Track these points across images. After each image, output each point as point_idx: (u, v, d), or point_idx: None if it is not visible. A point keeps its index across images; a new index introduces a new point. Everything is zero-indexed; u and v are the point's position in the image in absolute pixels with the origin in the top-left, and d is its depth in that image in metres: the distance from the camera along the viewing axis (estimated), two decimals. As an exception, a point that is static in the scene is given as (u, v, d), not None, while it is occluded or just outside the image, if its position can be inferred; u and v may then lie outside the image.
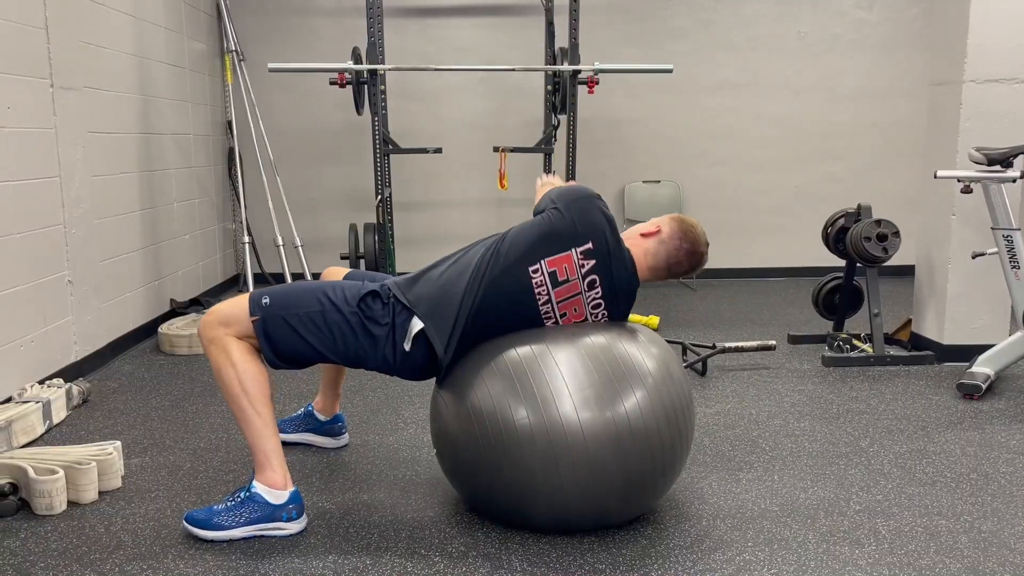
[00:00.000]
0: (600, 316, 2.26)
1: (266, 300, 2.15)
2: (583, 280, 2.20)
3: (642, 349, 2.15)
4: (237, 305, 2.16)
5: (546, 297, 2.19)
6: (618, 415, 2.01)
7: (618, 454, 2.02)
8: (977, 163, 3.44)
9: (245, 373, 2.11)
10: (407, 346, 2.15)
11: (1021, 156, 3.40)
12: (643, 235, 2.32)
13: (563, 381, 2.02)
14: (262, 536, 2.14)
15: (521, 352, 2.10)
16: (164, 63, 4.66)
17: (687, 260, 2.33)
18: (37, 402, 2.90)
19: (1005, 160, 3.39)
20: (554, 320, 2.23)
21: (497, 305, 2.18)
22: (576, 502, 2.07)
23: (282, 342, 2.14)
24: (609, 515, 2.15)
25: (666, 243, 2.31)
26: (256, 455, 2.15)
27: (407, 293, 2.19)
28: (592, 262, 2.20)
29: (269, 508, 2.12)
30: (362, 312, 2.15)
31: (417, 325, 2.15)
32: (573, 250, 2.19)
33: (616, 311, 2.28)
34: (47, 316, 3.35)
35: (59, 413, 3.03)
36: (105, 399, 3.32)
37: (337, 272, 2.58)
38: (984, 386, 3.28)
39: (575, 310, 2.23)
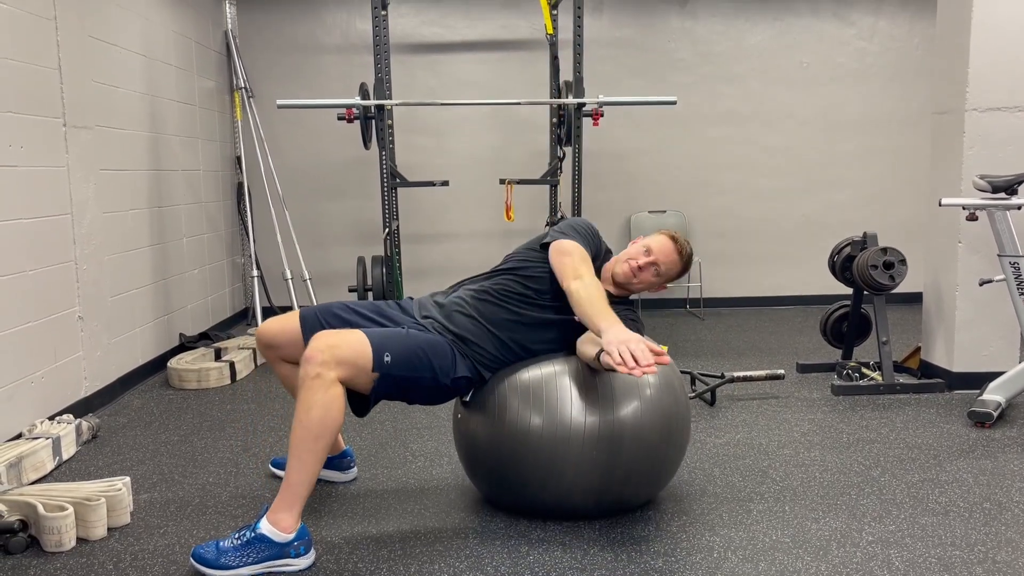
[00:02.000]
0: None
1: (388, 358, 2.22)
2: None
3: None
4: (358, 350, 2.18)
5: None
6: (619, 418, 2.29)
7: (619, 451, 2.29)
8: (982, 191, 3.45)
9: (334, 422, 2.13)
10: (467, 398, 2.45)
11: (1026, 183, 3.41)
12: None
13: (570, 392, 2.30)
14: (271, 573, 2.13)
15: (533, 373, 2.36)
16: (175, 101, 4.73)
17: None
18: (47, 438, 2.91)
19: (1010, 187, 3.40)
20: None
21: None
22: (583, 492, 2.34)
23: (385, 394, 2.29)
24: (609, 503, 2.40)
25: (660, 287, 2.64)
26: (287, 494, 2.14)
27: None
28: None
29: (276, 547, 2.12)
30: (453, 386, 2.35)
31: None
32: None
33: None
34: (58, 352, 3.37)
35: (68, 449, 3.04)
36: (114, 434, 3.33)
37: (279, 325, 2.53)
38: (995, 414, 3.26)
39: None
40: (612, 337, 2.04)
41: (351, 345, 2.18)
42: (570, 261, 2.34)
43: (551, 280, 2.41)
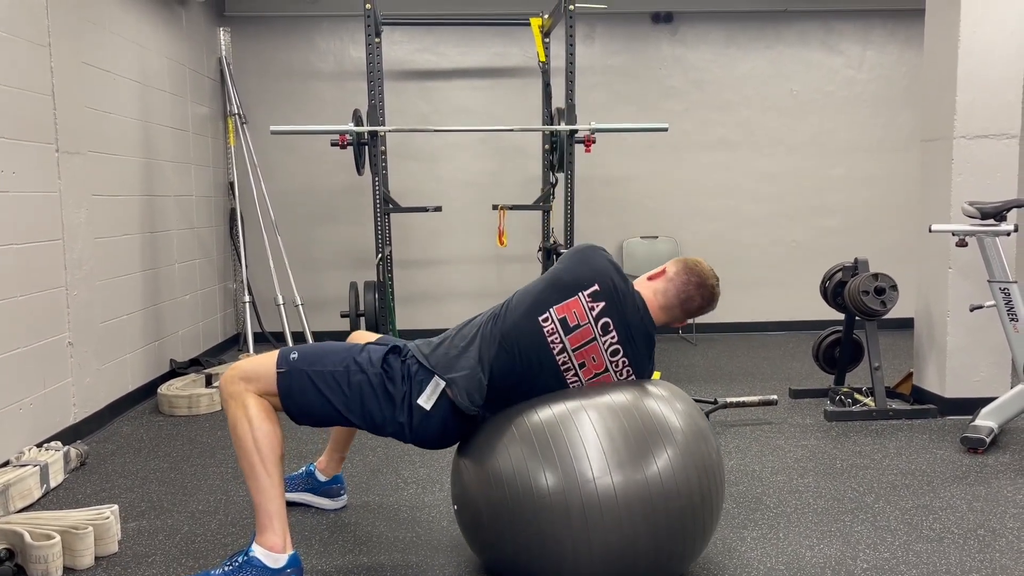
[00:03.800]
0: (621, 364, 2.22)
1: (294, 356, 2.20)
2: (595, 324, 2.18)
3: (667, 405, 2.09)
4: (262, 362, 2.20)
5: (560, 345, 2.18)
6: (649, 476, 1.93)
7: (649, 517, 1.93)
8: (971, 217, 3.48)
9: (259, 431, 2.12)
10: (427, 405, 2.15)
11: (1014, 210, 3.44)
12: (650, 278, 2.34)
13: (588, 442, 1.96)
14: (260, 601, 2.10)
15: (543, 415, 2.05)
16: (168, 127, 4.74)
17: (698, 294, 2.30)
18: (35, 466, 2.88)
19: (998, 214, 3.42)
20: (574, 372, 2.20)
21: (513, 359, 2.18)
22: (604, 568, 1.95)
23: (303, 398, 2.17)
24: None
25: (673, 280, 2.30)
26: (259, 515, 2.13)
27: (427, 354, 2.23)
28: (601, 304, 2.19)
29: (267, 572, 2.09)
30: (384, 372, 2.18)
31: (440, 384, 2.17)
32: (580, 294, 2.19)
33: (637, 357, 2.24)
34: (47, 378, 3.34)
35: (56, 477, 3.00)
36: (103, 461, 3.30)
37: (364, 336, 2.53)
38: (988, 439, 3.26)
39: (593, 359, 2.20)
40: None
41: (254, 361, 2.21)
42: None
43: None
